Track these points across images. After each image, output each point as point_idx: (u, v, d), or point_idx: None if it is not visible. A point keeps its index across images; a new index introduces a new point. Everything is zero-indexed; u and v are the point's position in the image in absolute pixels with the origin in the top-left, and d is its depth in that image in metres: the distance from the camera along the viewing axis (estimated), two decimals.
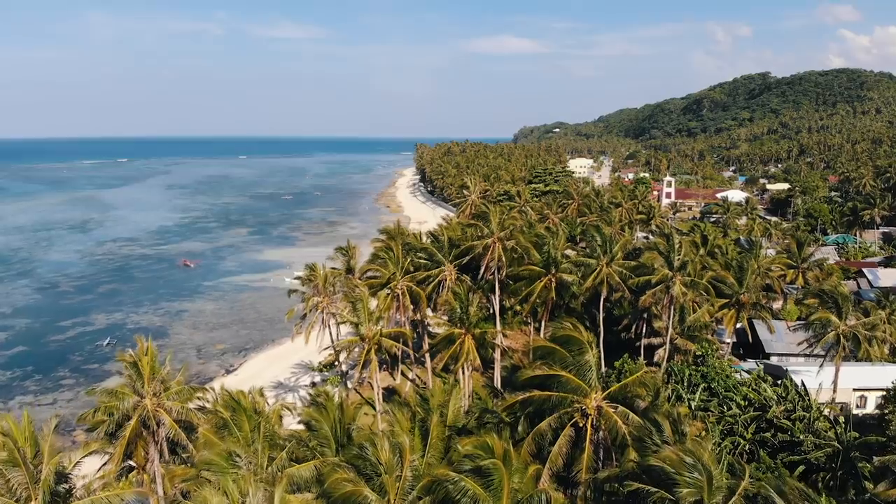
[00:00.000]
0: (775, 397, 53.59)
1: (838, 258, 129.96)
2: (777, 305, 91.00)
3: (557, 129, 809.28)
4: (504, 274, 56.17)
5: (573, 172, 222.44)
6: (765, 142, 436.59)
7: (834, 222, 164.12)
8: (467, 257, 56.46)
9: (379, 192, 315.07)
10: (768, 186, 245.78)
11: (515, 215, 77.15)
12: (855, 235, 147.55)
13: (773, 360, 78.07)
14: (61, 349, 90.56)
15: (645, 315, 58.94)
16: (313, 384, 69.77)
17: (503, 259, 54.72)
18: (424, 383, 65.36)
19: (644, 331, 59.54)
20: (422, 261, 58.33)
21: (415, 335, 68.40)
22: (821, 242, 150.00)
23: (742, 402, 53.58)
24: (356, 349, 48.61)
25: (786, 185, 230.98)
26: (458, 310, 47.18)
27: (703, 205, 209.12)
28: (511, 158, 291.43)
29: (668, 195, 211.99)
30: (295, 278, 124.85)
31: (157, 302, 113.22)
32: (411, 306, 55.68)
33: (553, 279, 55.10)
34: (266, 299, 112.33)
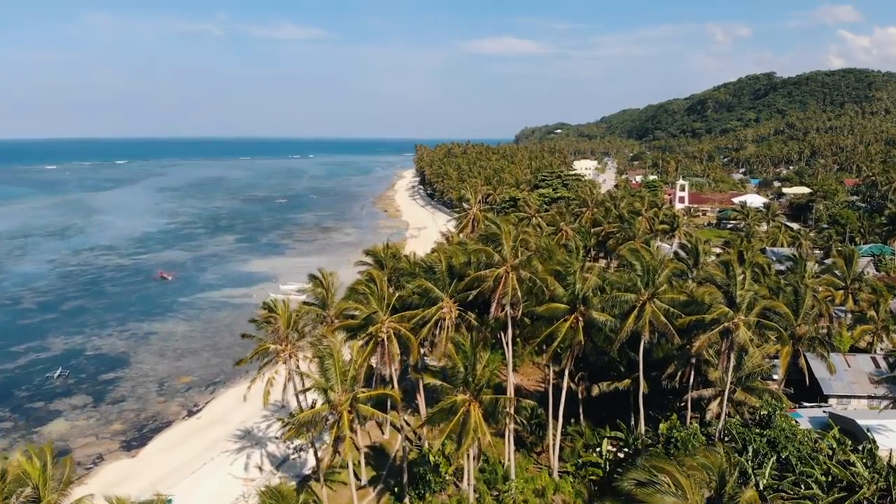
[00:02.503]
0: (866, 473, 42.02)
1: (877, 272, 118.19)
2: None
3: (559, 130, 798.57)
4: (520, 312, 44.70)
5: (582, 175, 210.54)
6: (772, 143, 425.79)
7: (862, 230, 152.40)
8: (473, 291, 45.01)
9: (377, 195, 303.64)
10: (784, 190, 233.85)
11: (529, 232, 65.49)
12: (892, 245, 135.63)
13: (832, 402, 66.48)
14: (6, 382, 78.92)
15: (693, 360, 47.31)
16: None
17: (518, 293, 43.35)
18: (419, 437, 53.81)
19: (692, 380, 47.91)
20: (414, 297, 46.74)
21: (412, 368, 56.76)
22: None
23: (822, 479, 41.98)
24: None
25: (804, 189, 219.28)
26: (461, 368, 35.77)
27: (718, 210, 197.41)
28: (514, 160, 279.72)
29: (682, 199, 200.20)
30: (260, 307, 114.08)
31: (125, 322, 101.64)
32: (399, 354, 44.23)
33: (580, 318, 43.62)
34: (245, 319, 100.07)
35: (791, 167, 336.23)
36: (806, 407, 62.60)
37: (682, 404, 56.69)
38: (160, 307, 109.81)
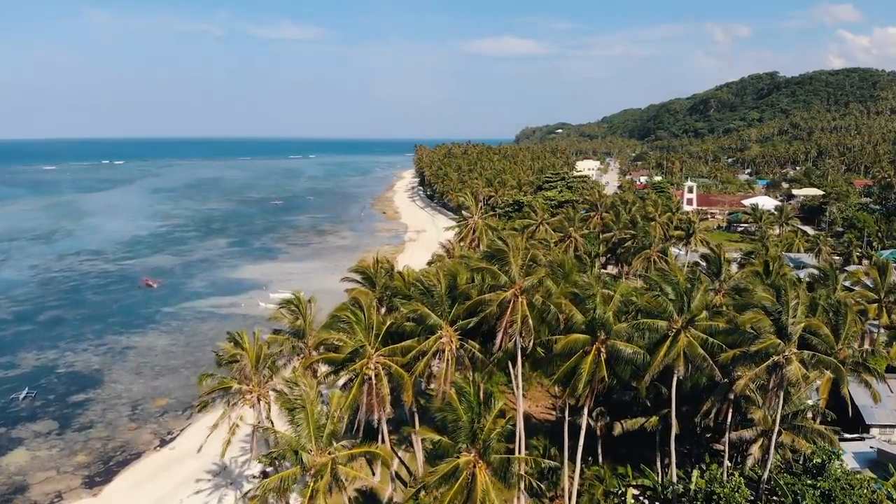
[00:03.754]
0: None
1: None
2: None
3: (560, 130, 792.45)
4: (531, 342, 38.15)
5: (587, 177, 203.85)
6: (777, 143, 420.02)
7: (880, 234, 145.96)
8: (475, 318, 38.52)
9: (376, 197, 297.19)
10: (794, 191, 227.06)
11: (537, 245, 58.79)
12: None
13: (874, 432, 60.07)
14: None
15: (731, 395, 40.82)
16: (264, 474, 51.73)
17: (529, 321, 36.92)
18: (417, 481, 47.22)
19: (731, 418, 41.41)
20: (407, 325, 40.19)
21: (405, 407, 50.03)
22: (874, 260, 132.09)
23: None
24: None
25: (815, 191, 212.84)
26: (466, 420, 29.35)
27: (728, 213, 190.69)
28: (516, 161, 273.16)
29: (690, 202, 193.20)
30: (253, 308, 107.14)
31: (103, 335, 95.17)
32: (389, 395, 37.70)
33: (602, 349, 37.22)
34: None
35: (798, 168, 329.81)
36: (848, 440, 56.23)
37: (711, 436, 50.35)
38: (142, 318, 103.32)
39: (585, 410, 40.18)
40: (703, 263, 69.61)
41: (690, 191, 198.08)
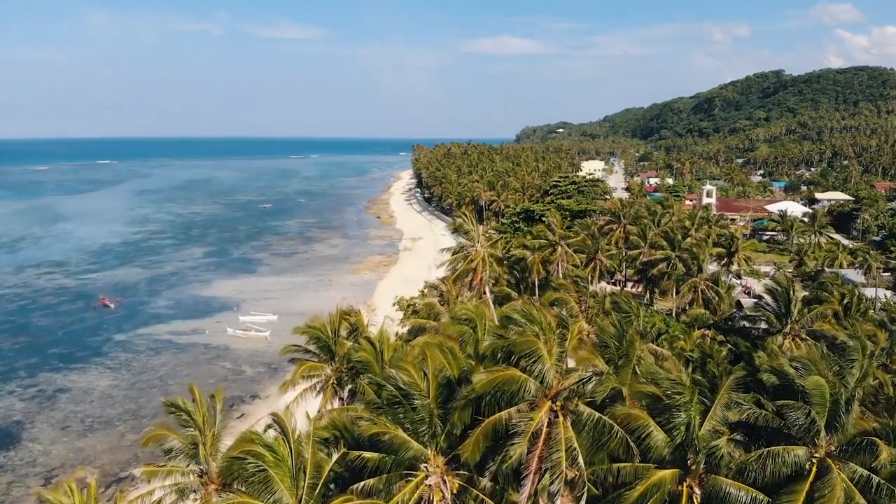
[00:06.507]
0: None
1: None
2: None
3: (561, 129, 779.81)
4: (584, 488, 23.24)
5: (601, 180, 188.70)
6: (785, 143, 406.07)
7: None
8: (487, 445, 23.53)
9: (371, 199, 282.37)
10: (818, 195, 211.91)
11: (566, 297, 42.53)
12: None
13: None
14: None
15: None
16: None
17: (579, 453, 22.08)
18: None
19: None
20: (369, 457, 24.61)
21: None
22: None
23: None
24: None
25: (842, 195, 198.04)
26: None
27: (753, 220, 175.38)
28: (519, 162, 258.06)
29: (709, 208, 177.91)
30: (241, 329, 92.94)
31: (37, 371, 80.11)
32: None
33: (696, 489, 22.54)
34: (187, 368, 79.31)
35: (813, 169, 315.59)
36: None
37: None
38: (87, 349, 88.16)
39: None
40: (769, 300, 54.64)
41: (709, 195, 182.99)
